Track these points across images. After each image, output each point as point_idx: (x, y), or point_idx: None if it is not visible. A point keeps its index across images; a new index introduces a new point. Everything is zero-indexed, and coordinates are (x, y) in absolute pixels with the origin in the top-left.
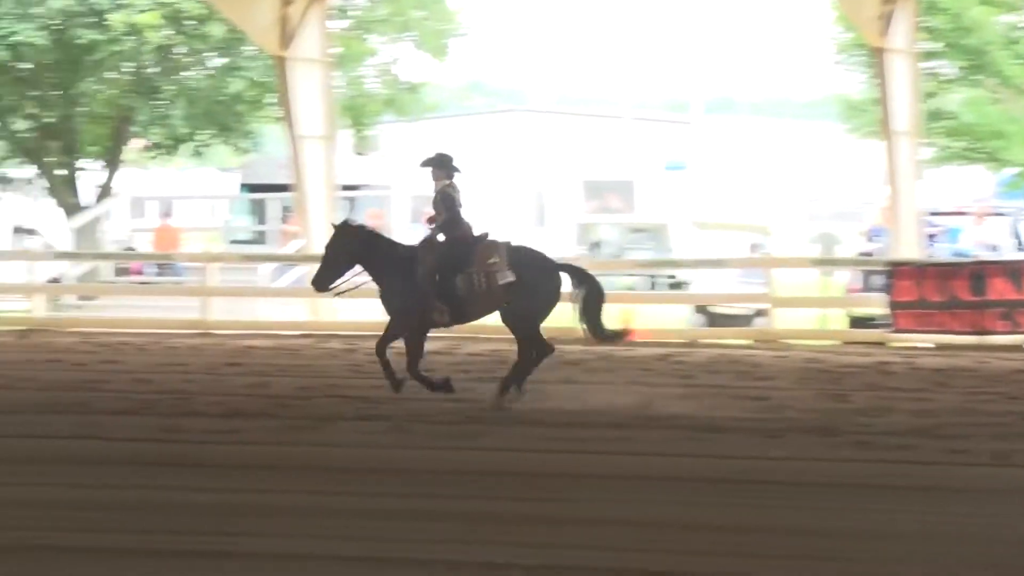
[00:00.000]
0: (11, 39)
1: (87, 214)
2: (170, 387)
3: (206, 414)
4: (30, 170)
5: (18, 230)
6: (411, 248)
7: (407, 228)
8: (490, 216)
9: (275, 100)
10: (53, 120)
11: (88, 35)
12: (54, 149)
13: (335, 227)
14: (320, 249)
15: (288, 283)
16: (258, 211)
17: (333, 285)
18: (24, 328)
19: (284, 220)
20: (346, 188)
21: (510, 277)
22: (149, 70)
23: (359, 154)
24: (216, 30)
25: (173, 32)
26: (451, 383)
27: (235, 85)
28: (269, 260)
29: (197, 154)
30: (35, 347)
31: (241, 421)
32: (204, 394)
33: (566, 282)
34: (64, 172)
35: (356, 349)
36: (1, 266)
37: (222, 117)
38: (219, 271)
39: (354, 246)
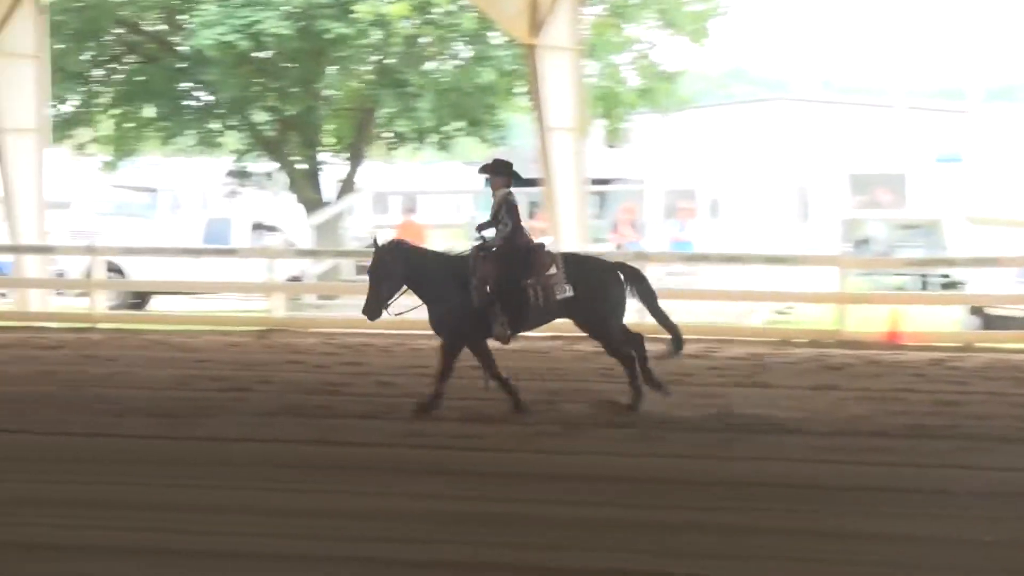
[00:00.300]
0: (253, 28)
1: (328, 210)
2: (413, 390)
3: (448, 419)
4: (270, 164)
5: (257, 227)
6: (460, 260)
7: (660, 223)
8: (752, 211)
9: (523, 91)
10: (294, 112)
11: (335, 28)
12: (295, 142)
13: (375, 250)
14: (567, 246)
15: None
16: None
17: (386, 309)
18: (263, 328)
19: (532, 216)
20: (596, 182)
21: (568, 292)
22: (394, 61)
23: (611, 146)
24: (465, 19)
25: (421, 22)
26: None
27: (485, 75)
28: None
29: (442, 147)
30: (274, 348)
31: (483, 426)
32: (446, 398)
33: None
34: (305, 166)
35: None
36: (240, 264)
37: (471, 109)
38: None
39: (395, 267)
